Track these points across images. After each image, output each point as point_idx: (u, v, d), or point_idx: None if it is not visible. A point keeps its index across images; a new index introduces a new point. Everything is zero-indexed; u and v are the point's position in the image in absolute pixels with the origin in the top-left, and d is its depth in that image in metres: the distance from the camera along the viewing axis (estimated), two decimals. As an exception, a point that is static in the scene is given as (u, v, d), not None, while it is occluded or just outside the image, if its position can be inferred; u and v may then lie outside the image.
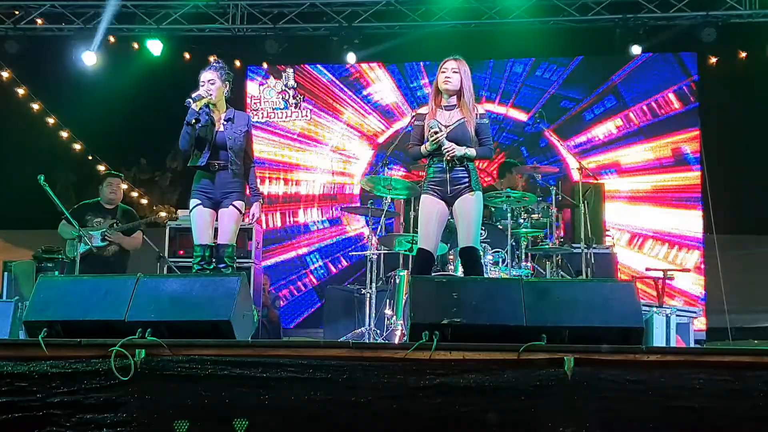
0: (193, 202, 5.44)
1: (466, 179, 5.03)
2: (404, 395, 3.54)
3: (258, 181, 5.78)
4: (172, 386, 3.59)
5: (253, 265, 7.44)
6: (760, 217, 9.17)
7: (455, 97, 5.08)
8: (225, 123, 5.45)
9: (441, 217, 5.09)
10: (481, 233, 7.10)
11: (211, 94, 5.40)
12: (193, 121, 5.30)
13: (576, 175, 7.90)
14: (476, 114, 5.09)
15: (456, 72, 5.04)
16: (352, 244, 10.02)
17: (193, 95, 5.35)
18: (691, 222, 9.63)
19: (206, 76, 5.45)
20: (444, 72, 5.06)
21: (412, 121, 5.30)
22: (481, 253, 6.72)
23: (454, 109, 5.08)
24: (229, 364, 3.61)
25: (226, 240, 5.43)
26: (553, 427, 3.49)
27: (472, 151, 5.04)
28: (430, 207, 5.05)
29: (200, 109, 5.33)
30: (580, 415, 3.50)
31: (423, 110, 5.21)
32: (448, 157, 4.97)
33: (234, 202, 5.41)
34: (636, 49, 9.35)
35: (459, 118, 5.04)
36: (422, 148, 5.10)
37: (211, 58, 8.28)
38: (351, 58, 9.60)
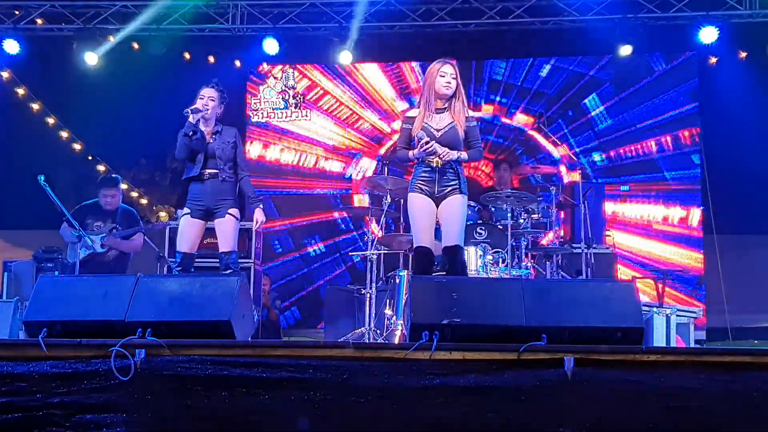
0: (184, 210, 5.71)
1: (455, 182, 5.10)
2: (404, 396, 3.54)
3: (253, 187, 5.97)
4: (172, 386, 3.59)
5: (253, 265, 7.43)
6: (761, 217, 9.16)
7: (448, 100, 5.14)
8: (214, 135, 5.74)
9: (432, 213, 5.13)
10: (481, 233, 7.14)
11: (207, 110, 5.66)
12: (191, 133, 5.55)
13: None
14: (465, 117, 5.15)
15: (454, 78, 5.12)
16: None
17: (192, 108, 5.60)
18: (691, 222, 9.63)
19: (207, 92, 5.73)
20: (443, 76, 5.10)
21: (402, 123, 5.34)
22: (480, 253, 6.78)
23: (445, 113, 5.14)
24: (229, 364, 3.61)
25: (229, 247, 5.67)
26: (553, 427, 3.49)
27: (464, 155, 5.15)
28: (420, 204, 5.11)
29: (196, 121, 5.59)
30: (580, 415, 3.51)
31: (412, 113, 5.24)
32: (444, 161, 5.00)
33: (229, 210, 5.66)
34: (626, 50, 9.31)
35: (449, 122, 5.11)
36: (410, 153, 5.16)
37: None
38: (347, 57, 9.59)
